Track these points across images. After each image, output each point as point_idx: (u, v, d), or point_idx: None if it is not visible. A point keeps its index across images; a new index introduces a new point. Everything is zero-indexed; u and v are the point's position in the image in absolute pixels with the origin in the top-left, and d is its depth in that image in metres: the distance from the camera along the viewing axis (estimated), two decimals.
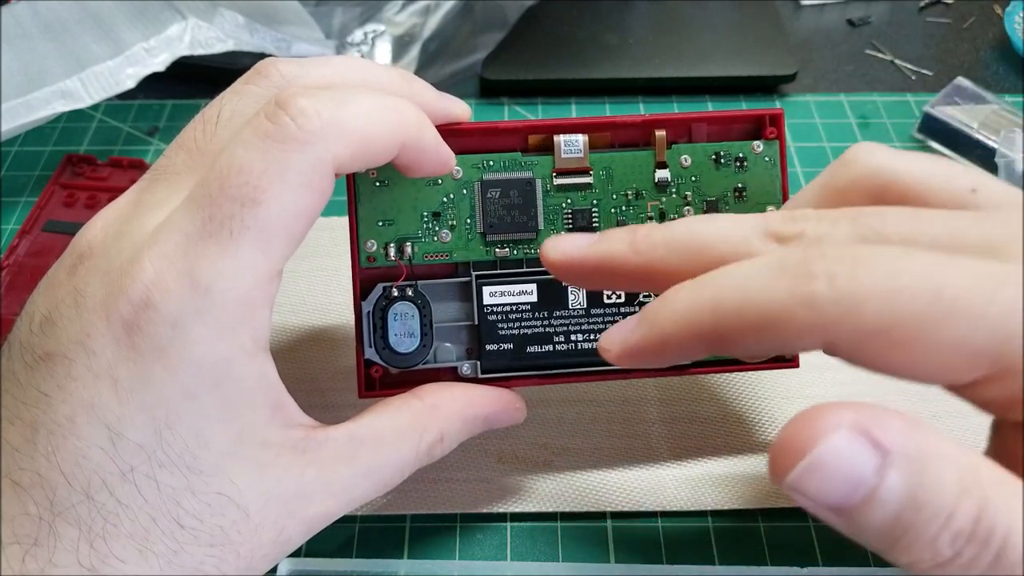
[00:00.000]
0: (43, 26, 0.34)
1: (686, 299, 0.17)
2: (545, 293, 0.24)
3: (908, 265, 0.15)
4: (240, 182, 0.17)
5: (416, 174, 0.21)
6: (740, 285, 0.17)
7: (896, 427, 0.15)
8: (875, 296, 0.15)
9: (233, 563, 0.18)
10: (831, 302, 0.15)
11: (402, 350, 0.23)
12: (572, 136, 0.24)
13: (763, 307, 0.16)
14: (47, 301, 0.19)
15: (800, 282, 0.16)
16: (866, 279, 0.15)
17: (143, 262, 0.17)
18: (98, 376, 0.17)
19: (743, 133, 0.25)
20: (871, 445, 0.14)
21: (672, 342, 0.18)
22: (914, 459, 0.14)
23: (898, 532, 0.15)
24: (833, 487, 0.15)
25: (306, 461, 0.19)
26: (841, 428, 0.15)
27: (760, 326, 0.16)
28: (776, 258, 0.17)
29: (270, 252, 0.18)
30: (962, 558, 0.14)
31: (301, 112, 0.18)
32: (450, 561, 0.25)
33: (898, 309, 0.15)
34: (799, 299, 0.16)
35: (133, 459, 0.17)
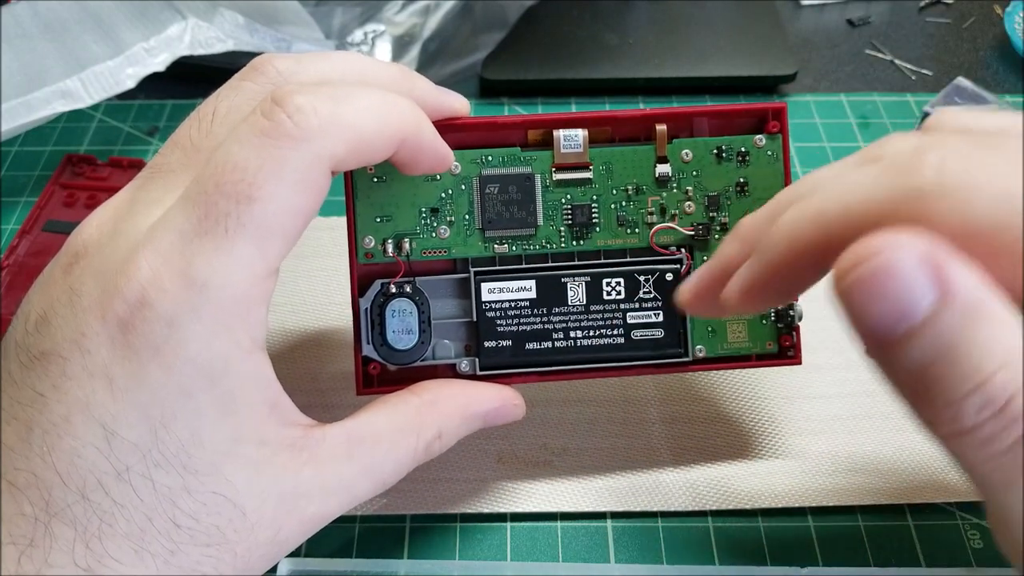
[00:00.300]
0: (43, 26, 0.34)
1: (789, 218, 0.17)
2: (544, 289, 0.24)
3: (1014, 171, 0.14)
4: (236, 179, 0.17)
5: (414, 172, 0.21)
6: (843, 190, 0.16)
7: (969, 274, 0.14)
8: (989, 192, 0.14)
9: (230, 563, 0.18)
10: (938, 195, 0.14)
11: (400, 347, 0.23)
12: (572, 131, 0.24)
13: (868, 205, 0.15)
14: (42, 300, 0.19)
15: (908, 174, 0.15)
16: (980, 173, 0.14)
17: (138, 260, 0.17)
18: (93, 375, 0.17)
19: (745, 127, 0.25)
20: (936, 279, 0.14)
21: (785, 269, 0.17)
22: (973, 311, 0.14)
23: (928, 380, 0.14)
24: (883, 307, 0.14)
25: (303, 460, 0.19)
26: (914, 250, 0.14)
27: (867, 227, 0.15)
28: (871, 169, 0.16)
29: (266, 249, 0.18)
30: (983, 431, 0.14)
31: (298, 109, 0.18)
32: (450, 561, 0.25)
33: (1004, 213, 0.14)
34: (907, 190, 0.15)
35: (128, 458, 0.17)
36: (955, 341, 0.14)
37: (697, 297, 0.20)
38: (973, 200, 0.14)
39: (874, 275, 0.14)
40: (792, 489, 0.26)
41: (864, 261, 0.14)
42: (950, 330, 0.14)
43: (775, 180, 0.24)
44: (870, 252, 0.14)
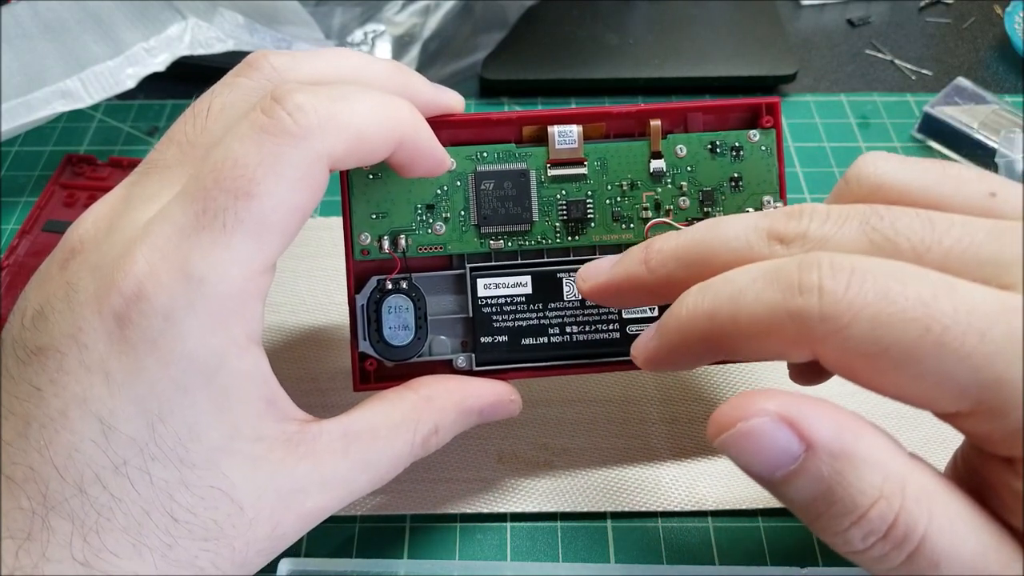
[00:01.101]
0: (43, 26, 0.34)
1: (688, 307, 0.18)
2: (540, 285, 0.24)
3: (904, 288, 0.15)
4: (235, 175, 0.17)
5: (411, 174, 0.21)
6: (734, 293, 0.17)
7: (825, 424, 0.16)
8: (863, 319, 0.15)
9: (228, 557, 0.18)
10: (819, 319, 0.15)
11: (397, 343, 0.23)
12: (566, 127, 0.24)
13: (754, 316, 0.16)
14: (39, 296, 0.19)
15: (790, 294, 0.16)
16: (857, 298, 0.15)
17: (135, 255, 0.17)
18: (90, 369, 0.17)
19: (739, 122, 0.25)
20: (794, 434, 0.16)
21: (681, 348, 0.18)
22: (836, 457, 0.15)
23: (812, 515, 0.16)
24: (757, 460, 0.16)
25: (300, 454, 0.19)
26: (768, 412, 0.16)
27: (753, 335, 0.16)
28: (771, 266, 0.16)
29: (263, 245, 0.18)
30: (873, 552, 0.16)
31: (298, 107, 0.18)
32: (450, 561, 0.25)
33: (885, 337, 0.15)
34: (788, 311, 0.16)
35: (126, 452, 0.17)
36: (828, 484, 0.16)
37: (595, 293, 0.21)
38: (851, 327, 0.15)
39: (741, 438, 0.16)
40: None
41: (730, 425, 0.16)
42: (821, 475, 0.16)
43: (769, 174, 0.24)
44: (736, 417, 0.16)
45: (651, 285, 0.20)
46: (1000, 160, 0.35)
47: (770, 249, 0.17)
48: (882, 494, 0.15)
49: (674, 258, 0.19)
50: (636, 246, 0.21)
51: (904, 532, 0.15)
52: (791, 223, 0.17)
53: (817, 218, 0.17)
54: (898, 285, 0.15)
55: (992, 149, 0.35)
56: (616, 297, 0.21)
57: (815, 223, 0.17)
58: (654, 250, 0.20)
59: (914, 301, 0.15)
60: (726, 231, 0.18)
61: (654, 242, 0.20)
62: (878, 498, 0.15)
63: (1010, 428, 0.15)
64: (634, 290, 0.20)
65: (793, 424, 0.16)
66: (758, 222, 0.18)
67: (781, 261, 0.16)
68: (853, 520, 0.15)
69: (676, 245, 0.19)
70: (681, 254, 0.19)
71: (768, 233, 0.18)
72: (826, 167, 0.37)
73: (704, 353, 0.18)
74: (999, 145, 0.35)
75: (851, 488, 0.15)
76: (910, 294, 0.15)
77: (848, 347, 0.15)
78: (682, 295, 0.18)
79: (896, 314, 0.15)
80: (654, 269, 0.19)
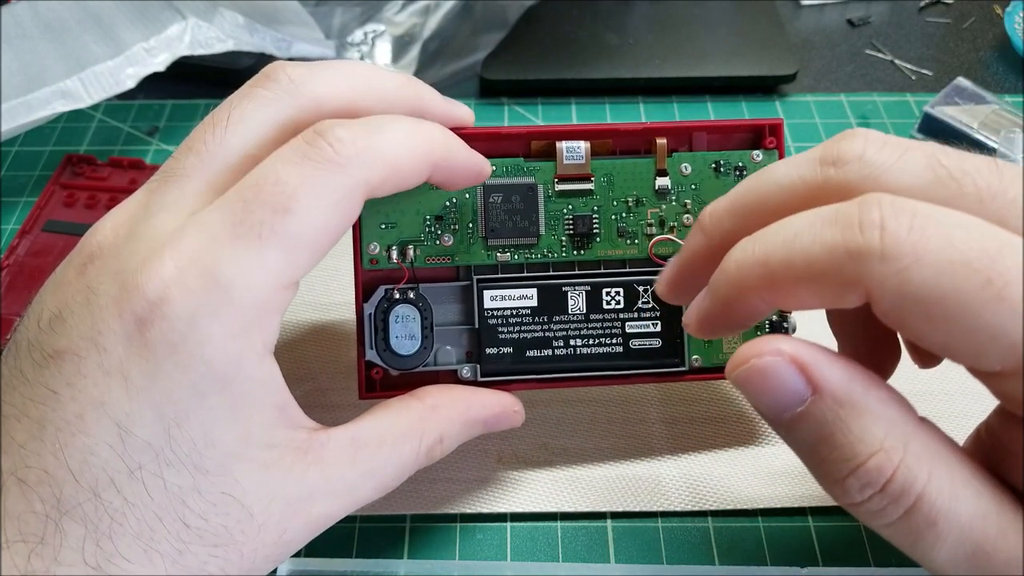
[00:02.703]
0: (43, 26, 0.34)
1: (736, 259, 0.17)
2: (545, 298, 0.24)
3: (968, 238, 0.14)
4: (276, 190, 0.18)
5: (453, 188, 0.22)
6: (789, 236, 0.16)
7: (836, 371, 0.16)
8: (925, 264, 0.14)
9: (237, 563, 0.18)
10: (879, 257, 0.15)
11: (403, 352, 0.23)
12: (574, 143, 0.24)
13: (811, 257, 0.16)
14: (56, 299, 0.19)
15: (851, 231, 0.15)
16: (921, 242, 0.14)
17: (163, 259, 0.18)
18: (108, 373, 0.17)
19: (743, 142, 0.25)
20: (804, 377, 0.16)
21: (734, 305, 0.18)
22: (841, 403, 0.16)
23: (815, 461, 0.17)
24: (767, 398, 0.17)
25: (309, 462, 0.19)
26: (781, 353, 0.16)
27: (808, 277, 0.16)
28: (829, 208, 0.16)
29: (293, 260, 0.18)
30: (871, 504, 0.16)
31: (339, 139, 0.19)
32: (450, 561, 0.25)
33: (945, 284, 0.14)
34: (847, 249, 0.15)
35: (141, 457, 0.17)
36: (831, 429, 0.16)
37: (670, 287, 0.21)
38: (911, 269, 0.14)
39: (754, 373, 0.17)
40: (792, 489, 0.26)
41: (747, 361, 0.17)
42: (824, 419, 0.16)
43: None
44: (751, 354, 0.17)
45: (713, 250, 0.19)
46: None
47: (824, 174, 0.17)
48: (882, 447, 0.15)
49: (728, 213, 0.18)
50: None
51: (901, 487, 0.15)
52: (844, 144, 0.17)
53: (874, 142, 0.16)
54: (963, 232, 0.14)
55: (992, 149, 0.36)
56: (688, 279, 0.20)
57: (872, 147, 0.16)
58: (707, 214, 0.19)
59: (978, 252, 0.14)
60: (776, 170, 0.18)
61: (706, 208, 0.19)
62: (878, 450, 0.15)
63: None
64: (700, 263, 0.19)
65: (804, 367, 0.16)
66: (810, 154, 0.17)
67: (839, 204, 0.16)
68: (851, 469, 0.16)
69: (729, 199, 0.19)
70: (735, 207, 0.18)
71: (821, 159, 0.17)
72: None
73: (759, 307, 0.17)
74: (999, 145, 0.35)
75: (852, 436, 0.16)
76: (974, 244, 0.14)
77: (906, 291, 0.14)
78: (730, 251, 0.17)
79: (958, 262, 0.14)
80: (710, 232, 0.19)
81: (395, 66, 0.40)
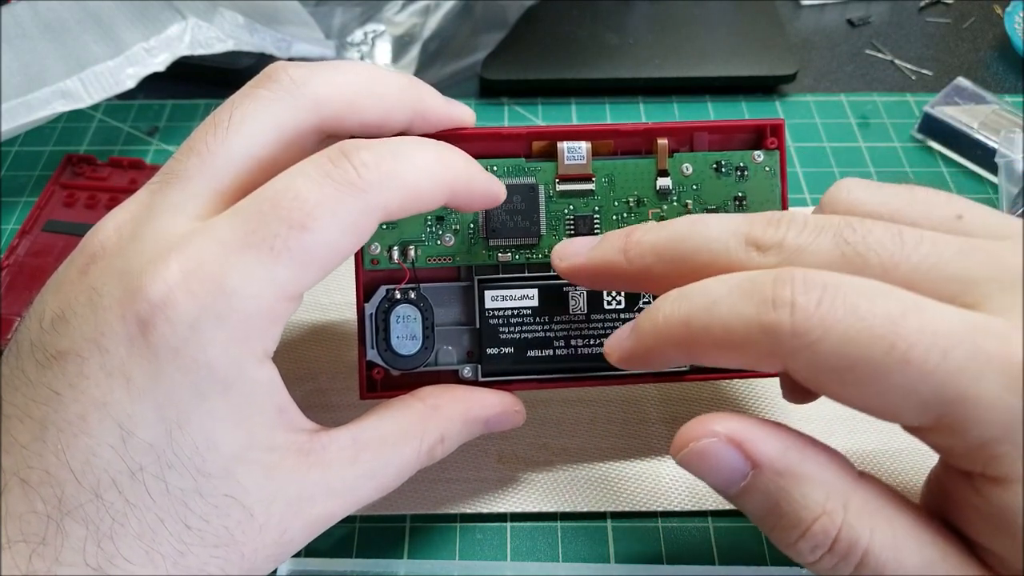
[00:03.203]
0: (43, 26, 0.34)
1: (665, 312, 0.18)
2: (546, 298, 0.24)
3: (872, 306, 0.15)
4: (295, 206, 0.18)
5: (468, 211, 0.23)
6: (709, 304, 0.17)
7: (771, 444, 0.17)
8: (833, 335, 0.15)
9: (237, 564, 0.18)
10: (790, 333, 0.16)
11: (404, 352, 0.23)
12: (575, 143, 0.24)
13: (728, 328, 0.17)
14: (58, 300, 0.19)
15: (763, 308, 0.16)
16: (828, 315, 0.16)
17: (169, 263, 0.18)
18: (111, 374, 0.17)
19: (744, 142, 0.25)
20: (741, 454, 0.17)
21: (655, 351, 0.19)
22: (780, 473, 0.17)
23: (767, 528, 0.18)
24: (712, 477, 0.18)
25: (310, 463, 0.19)
26: (717, 434, 0.17)
27: (726, 345, 0.17)
28: (746, 279, 0.17)
29: (302, 275, 0.18)
30: (824, 564, 0.17)
31: (363, 163, 0.19)
32: (450, 561, 0.25)
33: (853, 352, 0.15)
34: (761, 325, 0.16)
35: (143, 458, 0.17)
36: (775, 499, 0.17)
37: (571, 272, 0.22)
38: (821, 342, 0.16)
39: (695, 456, 0.18)
40: None
41: (686, 445, 0.18)
42: (768, 490, 0.17)
43: (772, 194, 0.25)
44: (690, 437, 0.18)
45: (628, 274, 0.20)
46: (1000, 160, 0.35)
47: (747, 255, 0.18)
48: (824, 510, 0.17)
49: (653, 252, 0.20)
50: (616, 231, 0.21)
51: (847, 546, 0.16)
52: (769, 230, 0.18)
53: (794, 228, 0.18)
54: (867, 302, 0.15)
55: (992, 149, 0.36)
56: (591, 280, 0.21)
57: (792, 232, 0.18)
58: (634, 241, 0.20)
59: (882, 318, 0.15)
60: (706, 232, 0.19)
61: (634, 231, 0.20)
62: (821, 514, 0.17)
63: (970, 443, 0.15)
64: (611, 276, 0.21)
65: (740, 445, 0.17)
66: (739, 226, 0.19)
67: (756, 274, 0.17)
68: (800, 533, 0.17)
69: (656, 240, 0.20)
70: (661, 250, 0.19)
71: (747, 239, 0.18)
72: (826, 167, 0.38)
73: (677, 358, 0.19)
74: (999, 145, 0.35)
75: (795, 504, 0.17)
76: (878, 311, 0.15)
77: (818, 361, 0.16)
78: (659, 300, 0.19)
79: (864, 331, 0.15)
80: (632, 260, 0.20)
81: (395, 66, 0.40)
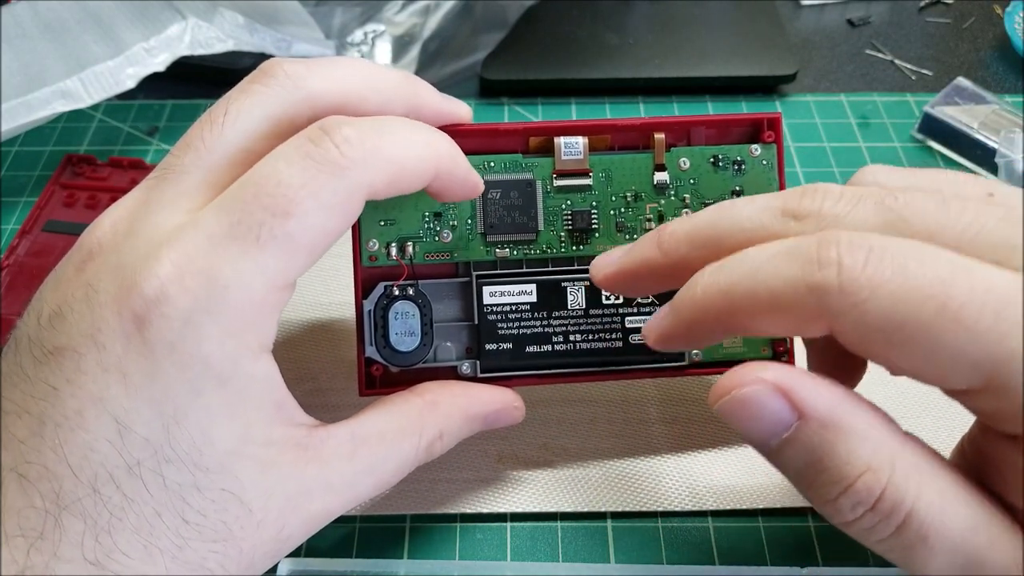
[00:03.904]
0: (43, 26, 0.34)
1: (703, 285, 0.18)
2: (544, 294, 0.24)
3: (921, 267, 0.15)
4: (277, 192, 0.18)
5: (445, 200, 0.22)
6: (752, 269, 0.17)
7: (820, 395, 0.16)
8: (882, 295, 0.15)
9: (236, 559, 0.18)
10: (837, 292, 0.15)
11: (403, 349, 0.23)
12: (572, 138, 0.24)
13: (773, 291, 0.16)
14: (56, 296, 0.19)
15: (810, 268, 0.16)
16: (876, 275, 0.15)
17: (161, 258, 0.18)
18: (107, 370, 0.17)
19: (741, 136, 0.25)
20: (788, 403, 0.16)
21: (695, 326, 0.18)
22: (826, 426, 0.16)
23: (805, 483, 0.17)
24: (753, 426, 0.17)
25: (308, 458, 0.19)
26: (763, 381, 0.17)
27: (771, 309, 0.17)
28: (790, 243, 0.17)
29: (291, 263, 0.18)
30: (863, 522, 0.16)
31: (345, 140, 0.18)
32: (450, 561, 0.25)
33: (902, 312, 0.15)
34: (807, 285, 0.16)
35: (140, 453, 0.17)
36: (819, 452, 0.16)
37: (610, 283, 0.21)
38: (869, 302, 0.15)
39: (737, 404, 0.17)
40: (792, 489, 0.26)
41: (729, 391, 0.17)
42: (812, 443, 0.16)
43: (769, 188, 0.25)
44: (733, 384, 0.17)
45: (665, 268, 0.20)
46: (1000, 160, 0.35)
47: (784, 226, 0.18)
48: (870, 467, 0.16)
49: (688, 240, 0.19)
50: (649, 232, 0.21)
51: (891, 505, 0.16)
52: (804, 200, 0.18)
53: (831, 197, 0.17)
54: (915, 263, 0.15)
55: (992, 149, 0.36)
56: (631, 282, 0.21)
57: (829, 201, 0.17)
58: (667, 233, 0.20)
59: (932, 278, 0.15)
60: (739, 212, 0.19)
61: (667, 225, 0.20)
62: (866, 470, 0.16)
63: (1018, 406, 0.15)
64: (649, 274, 0.20)
65: (787, 393, 0.16)
66: (771, 202, 0.18)
67: (799, 239, 0.17)
68: (841, 490, 0.16)
69: (690, 227, 0.19)
70: (695, 236, 0.19)
71: (782, 211, 0.18)
72: (826, 167, 0.38)
73: (718, 330, 0.18)
74: (999, 145, 0.35)
75: (840, 459, 0.16)
76: (928, 272, 0.15)
77: (866, 322, 0.15)
78: (696, 274, 0.18)
79: (914, 290, 0.15)
80: (668, 252, 0.19)
81: (395, 66, 0.41)
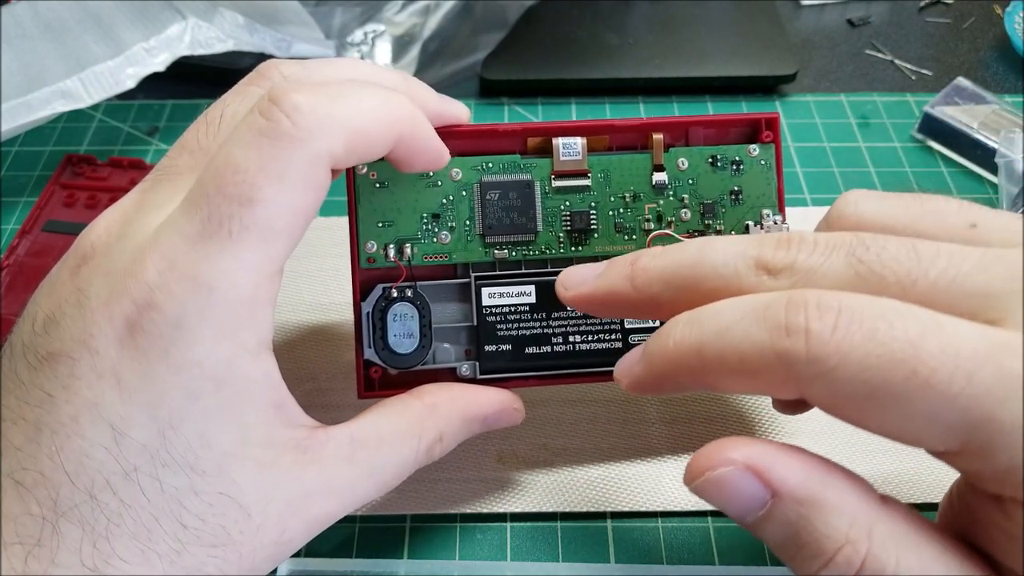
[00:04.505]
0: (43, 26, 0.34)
1: (675, 339, 0.18)
2: (543, 295, 0.24)
3: (891, 329, 0.15)
4: (237, 180, 0.17)
5: (410, 169, 0.21)
6: (722, 329, 0.17)
7: (791, 471, 0.16)
8: (851, 362, 0.15)
9: (235, 563, 0.18)
10: (805, 361, 0.15)
11: (401, 351, 0.23)
12: (570, 139, 0.24)
13: (742, 355, 0.16)
14: (50, 301, 0.19)
15: (778, 334, 0.16)
16: (844, 341, 0.15)
17: (145, 263, 0.18)
18: (102, 376, 0.17)
19: (739, 136, 0.25)
20: (760, 482, 0.16)
21: (667, 378, 0.18)
22: (801, 502, 0.16)
23: (787, 557, 0.17)
24: (729, 505, 0.17)
25: (307, 460, 0.19)
26: (734, 462, 0.16)
27: (739, 373, 0.16)
28: (760, 304, 0.16)
29: (270, 251, 0.18)
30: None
31: (295, 108, 0.18)
32: (450, 561, 0.25)
33: (873, 379, 0.15)
34: (775, 352, 0.16)
35: (136, 459, 0.17)
36: (796, 528, 0.16)
37: (576, 303, 0.21)
38: (838, 369, 0.15)
39: (712, 485, 0.17)
40: None
41: (703, 472, 0.17)
42: (788, 519, 0.16)
43: (768, 188, 0.25)
44: (705, 466, 0.17)
45: (635, 302, 0.19)
46: (1000, 160, 0.35)
47: (758, 279, 0.17)
48: (847, 539, 0.16)
49: (660, 280, 0.19)
50: (621, 257, 0.20)
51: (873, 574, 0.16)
52: (779, 253, 0.17)
53: (805, 248, 0.17)
54: (885, 325, 0.15)
55: (992, 149, 0.36)
56: (599, 310, 0.21)
57: (803, 253, 0.17)
58: (640, 267, 0.19)
59: (901, 342, 0.14)
60: (714, 257, 0.18)
61: (640, 258, 0.19)
62: (844, 543, 0.16)
63: (999, 467, 0.15)
64: (617, 305, 0.20)
65: (759, 472, 0.16)
66: (747, 250, 0.18)
67: (769, 297, 0.16)
68: (822, 564, 0.16)
69: (663, 266, 0.19)
70: (668, 276, 0.19)
71: (757, 262, 0.18)
72: (826, 167, 0.38)
73: (689, 384, 0.18)
74: (999, 145, 0.35)
75: (817, 533, 0.16)
76: (897, 335, 0.15)
77: (836, 389, 0.15)
78: (669, 324, 0.18)
79: (883, 356, 0.15)
80: (639, 288, 0.19)
81: (395, 66, 0.40)
